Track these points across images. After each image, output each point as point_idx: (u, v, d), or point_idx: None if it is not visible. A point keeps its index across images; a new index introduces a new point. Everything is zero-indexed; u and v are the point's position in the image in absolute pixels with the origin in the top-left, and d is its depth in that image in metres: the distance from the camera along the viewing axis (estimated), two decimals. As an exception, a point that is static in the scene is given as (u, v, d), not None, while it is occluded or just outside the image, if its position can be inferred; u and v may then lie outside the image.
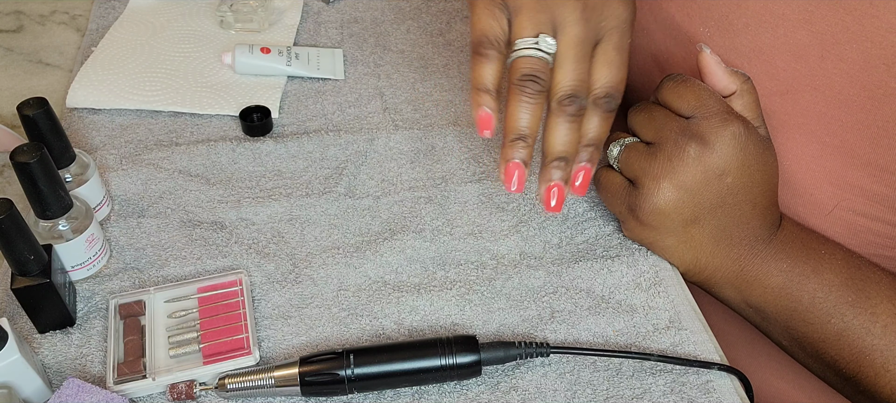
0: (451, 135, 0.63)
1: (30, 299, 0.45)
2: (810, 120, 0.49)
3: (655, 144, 0.49)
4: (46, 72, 0.68)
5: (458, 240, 0.54)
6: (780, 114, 0.51)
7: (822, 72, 0.47)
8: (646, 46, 0.61)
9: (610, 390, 0.46)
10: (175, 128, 0.62)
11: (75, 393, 0.41)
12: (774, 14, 0.49)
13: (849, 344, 0.47)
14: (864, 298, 0.47)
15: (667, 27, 0.58)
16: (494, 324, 0.49)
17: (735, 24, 0.52)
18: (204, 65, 0.68)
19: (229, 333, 0.47)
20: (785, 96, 0.50)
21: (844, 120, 0.48)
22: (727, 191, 0.48)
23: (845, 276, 0.48)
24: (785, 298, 0.49)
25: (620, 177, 0.52)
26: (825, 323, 0.48)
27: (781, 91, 0.50)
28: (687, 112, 0.48)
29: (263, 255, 0.52)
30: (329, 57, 0.69)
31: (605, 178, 0.53)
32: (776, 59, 0.50)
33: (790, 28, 0.48)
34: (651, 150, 0.49)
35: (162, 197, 0.56)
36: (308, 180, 0.58)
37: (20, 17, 0.73)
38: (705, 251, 0.50)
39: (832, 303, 0.48)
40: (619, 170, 0.52)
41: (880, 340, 0.46)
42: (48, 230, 0.47)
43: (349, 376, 0.43)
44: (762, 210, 0.49)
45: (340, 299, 0.50)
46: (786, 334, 0.50)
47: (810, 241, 0.50)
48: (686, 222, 0.49)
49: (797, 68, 0.49)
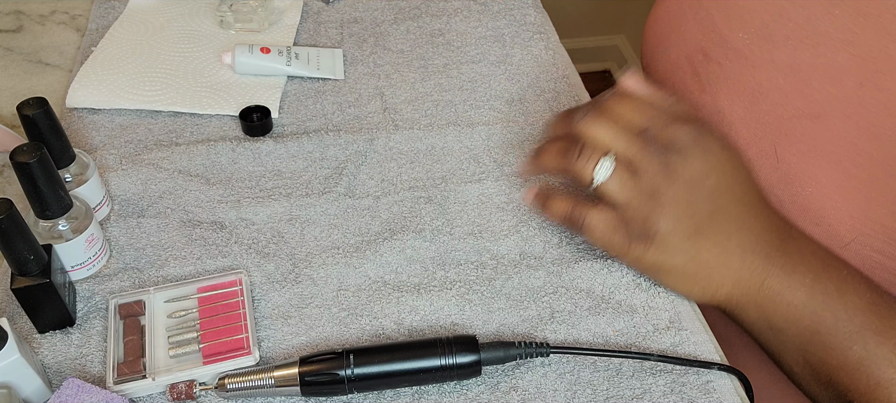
0: (451, 135, 0.63)
1: (30, 299, 0.45)
2: (839, 148, 0.48)
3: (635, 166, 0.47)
4: (46, 72, 0.68)
5: (458, 240, 0.54)
6: (807, 138, 0.49)
7: (858, 99, 0.46)
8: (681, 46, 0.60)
9: (610, 390, 0.46)
10: (175, 128, 0.62)
11: (75, 393, 0.41)
12: (817, 30, 0.47)
13: (867, 374, 0.44)
14: (889, 327, 0.44)
15: (705, 29, 0.56)
16: (494, 324, 0.49)
17: (775, 35, 0.50)
18: (204, 65, 0.68)
19: (229, 333, 0.47)
20: (816, 120, 0.48)
21: (874, 153, 0.46)
22: (714, 193, 0.47)
23: (869, 301, 0.45)
24: (808, 318, 0.46)
25: (609, 211, 0.49)
26: (846, 349, 0.45)
27: (813, 114, 0.49)
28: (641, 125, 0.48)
29: (263, 255, 0.52)
30: (329, 57, 0.69)
31: (596, 218, 0.49)
32: (812, 80, 0.48)
33: (831, 48, 0.47)
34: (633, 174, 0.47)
35: (162, 197, 0.56)
36: (308, 180, 0.58)
37: (20, 17, 0.73)
38: (717, 265, 0.48)
39: (855, 328, 0.45)
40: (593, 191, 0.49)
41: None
42: (48, 230, 0.47)
43: (349, 376, 0.43)
44: (756, 210, 0.48)
45: (340, 299, 0.50)
46: (801, 359, 0.47)
47: (830, 259, 0.48)
48: (689, 235, 0.47)
49: (832, 92, 0.47)
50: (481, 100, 0.67)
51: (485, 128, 0.64)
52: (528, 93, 0.68)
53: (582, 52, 2.05)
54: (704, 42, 0.57)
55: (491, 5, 0.78)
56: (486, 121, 0.64)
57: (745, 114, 0.54)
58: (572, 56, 0.74)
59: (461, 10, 0.77)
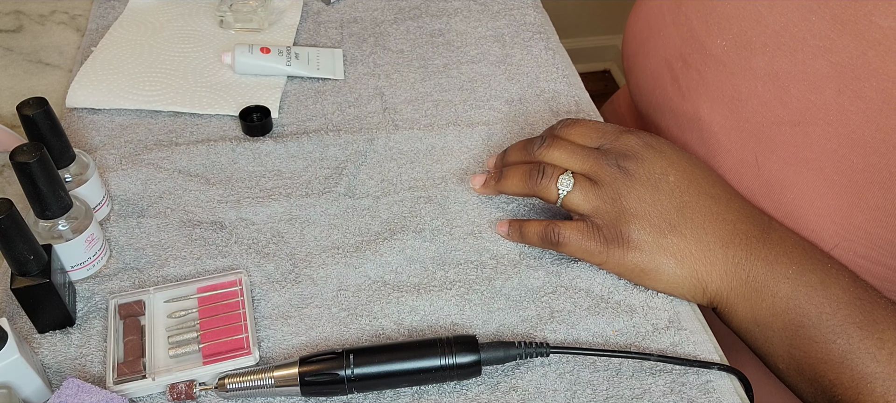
0: (451, 135, 0.63)
1: (29, 299, 0.45)
2: (820, 155, 0.48)
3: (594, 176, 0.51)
4: (46, 72, 0.68)
5: (457, 240, 0.54)
6: (789, 145, 0.50)
7: (838, 107, 0.46)
8: (660, 50, 0.60)
9: (610, 390, 0.46)
10: (175, 128, 0.62)
11: (75, 393, 0.41)
12: (794, 37, 0.48)
13: (851, 369, 0.44)
14: (872, 322, 0.45)
15: (684, 34, 0.57)
16: (494, 324, 0.49)
17: (753, 43, 0.50)
18: (204, 65, 0.68)
19: (229, 333, 0.47)
20: (796, 127, 0.49)
21: (855, 160, 0.46)
22: (678, 189, 0.49)
23: (853, 295, 0.46)
24: (793, 311, 0.46)
25: (581, 222, 0.50)
26: (830, 343, 0.45)
27: (793, 121, 0.49)
28: (594, 144, 0.53)
29: (263, 255, 0.52)
30: (329, 57, 0.69)
31: (569, 230, 0.50)
32: (791, 87, 0.48)
33: (809, 55, 0.47)
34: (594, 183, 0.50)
35: (162, 197, 0.56)
36: (308, 180, 0.58)
37: (20, 17, 0.73)
38: (700, 259, 0.48)
39: (839, 322, 0.45)
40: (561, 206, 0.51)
41: (884, 367, 0.44)
42: (48, 230, 0.47)
43: (349, 376, 0.43)
44: (727, 202, 0.49)
45: (340, 299, 0.50)
46: (786, 355, 0.48)
47: (814, 252, 0.48)
48: (663, 232, 0.48)
49: (812, 99, 0.47)
50: (481, 100, 0.67)
51: (485, 128, 0.64)
52: (528, 93, 0.68)
53: (582, 51, 2.05)
54: (683, 48, 0.57)
55: (491, 5, 0.78)
56: (486, 121, 0.64)
57: (726, 121, 0.54)
58: (572, 56, 0.74)
59: (461, 10, 0.77)
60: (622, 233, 0.49)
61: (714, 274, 0.48)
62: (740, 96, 0.53)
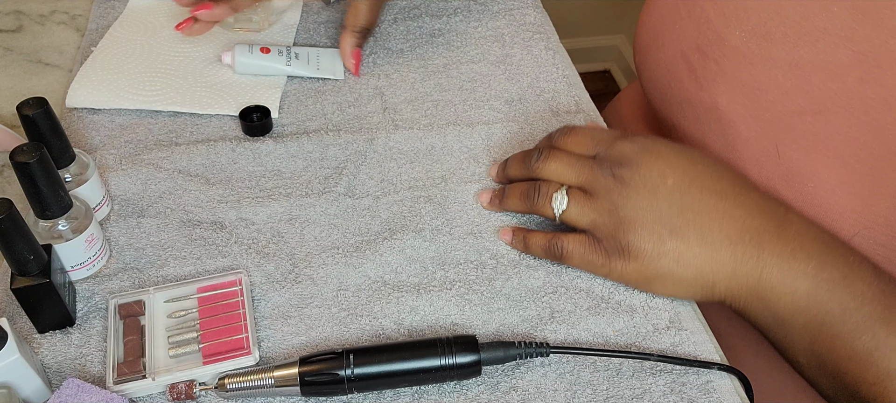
0: (451, 135, 0.63)
1: (29, 299, 0.45)
2: (840, 143, 0.48)
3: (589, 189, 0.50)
4: (46, 72, 0.68)
5: (457, 240, 0.54)
6: (809, 134, 0.49)
7: (859, 95, 0.46)
8: (675, 42, 0.60)
9: (610, 390, 0.46)
10: (175, 128, 0.62)
11: (75, 393, 0.41)
12: (815, 27, 0.47)
13: (876, 366, 0.43)
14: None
15: (700, 26, 0.56)
16: (494, 324, 0.49)
17: (773, 33, 0.50)
18: (204, 65, 0.68)
19: (229, 333, 0.47)
20: (817, 116, 0.49)
21: (876, 148, 0.46)
22: (677, 191, 0.48)
23: (877, 289, 0.44)
24: (814, 308, 0.45)
25: (582, 235, 0.51)
26: (855, 340, 0.44)
27: (814, 110, 0.49)
28: (590, 152, 0.52)
29: (263, 255, 0.52)
30: (329, 57, 0.69)
31: (572, 244, 0.51)
32: (812, 76, 0.48)
33: (830, 44, 0.47)
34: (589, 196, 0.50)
35: (162, 197, 0.56)
36: (308, 180, 0.58)
37: (20, 17, 0.73)
38: (706, 261, 0.47)
39: (863, 318, 0.44)
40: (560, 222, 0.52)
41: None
42: (48, 230, 0.47)
43: (349, 376, 0.43)
44: (736, 198, 0.48)
45: (340, 299, 0.50)
46: (808, 351, 0.46)
47: (835, 244, 0.47)
48: (664, 238, 0.47)
49: (833, 88, 0.47)
50: (481, 100, 0.67)
51: (485, 127, 0.64)
52: (528, 93, 0.68)
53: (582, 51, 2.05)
54: (700, 39, 0.57)
55: (491, 5, 0.78)
56: (486, 120, 0.64)
57: (745, 111, 0.54)
58: (572, 56, 0.74)
59: (461, 9, 0.77)
60: (622, 244, 0.48)
61: (722, 274, 0.47)
62: (760, 86, 0.52)
